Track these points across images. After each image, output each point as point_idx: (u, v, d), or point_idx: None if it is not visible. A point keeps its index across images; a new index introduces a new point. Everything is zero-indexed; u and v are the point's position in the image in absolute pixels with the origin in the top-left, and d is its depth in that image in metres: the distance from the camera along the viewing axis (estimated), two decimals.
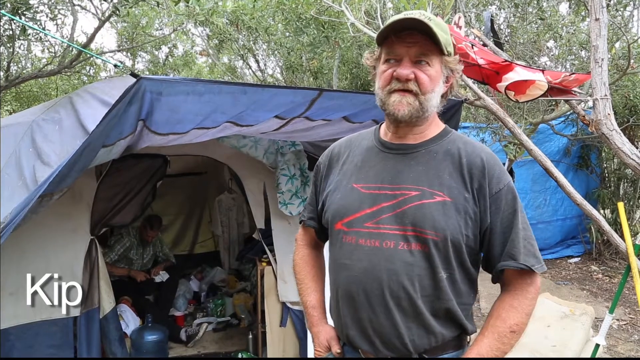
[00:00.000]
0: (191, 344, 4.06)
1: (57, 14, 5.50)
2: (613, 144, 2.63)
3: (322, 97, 2.22)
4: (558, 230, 6.80)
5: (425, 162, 1.36)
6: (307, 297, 1.61)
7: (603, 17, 2.63)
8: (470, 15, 5.62)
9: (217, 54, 9.29)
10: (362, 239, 1.34)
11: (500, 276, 1.37)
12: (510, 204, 1.33)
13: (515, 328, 1.29)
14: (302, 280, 1.64)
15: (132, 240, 4.31)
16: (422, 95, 1.30)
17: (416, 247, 1.29)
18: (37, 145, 2.23)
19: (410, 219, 1.30)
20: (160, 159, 3.35)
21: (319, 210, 1.55)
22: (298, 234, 1.74)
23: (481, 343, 1.29)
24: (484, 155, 1.35)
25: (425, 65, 1.31)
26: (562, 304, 3.51)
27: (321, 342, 1.52)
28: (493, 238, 1.33)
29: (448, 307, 1.31)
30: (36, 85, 8.14)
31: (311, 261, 1.67)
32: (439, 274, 1.29)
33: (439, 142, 1.40)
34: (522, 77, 2.75)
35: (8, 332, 2.53)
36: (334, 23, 5.79)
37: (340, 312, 1.41)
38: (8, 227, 1.64)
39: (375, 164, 1.41)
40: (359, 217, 1.36)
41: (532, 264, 1.30)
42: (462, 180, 1.33)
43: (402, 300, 1.29)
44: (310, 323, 1.58)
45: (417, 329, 1.31)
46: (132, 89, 1.71)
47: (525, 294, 1.33)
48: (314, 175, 1.64)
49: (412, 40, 1.29)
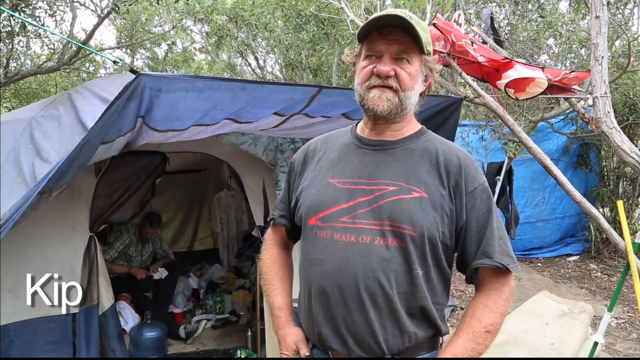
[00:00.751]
0: (190, 341, 4.07)
1: (56, 10, 5.50)
2: (613, 142, 2.63)
3: (322, 94, 2.22)
4: (557, 228, 6.81)
5: (402, 159, 1.36)
6: (274, 298, 1.56)
7: (603, 15, 2.62)
8: (470, 12, 5.61)
9: (216, 51, 9.28)
10: (337, 233, 1.32)
11: (475, 275, 1.37)
12: (485, 202, 1.34)
13: (490, 328, 1.29)
14: (269, 280, 1.59)
15: (131, 237, 4.32)
16: (402, 92, 1.31)
17: (393, 243, 1.28)
18: (36, 141, 2.23)
19: (388, 214, 1.28)
20: (159, 156, 3.35)
21: (292, 207, 1.53)
22: (267, 234, 1.70)
23: (455, 343, 1.28)
24: (461, 155, 1.37)
25: (405, 63, 1.31)
26: (561, 302, 3.52)
27: (288, 345, 1.47)
28: (468, 236, 1.33)
29: (423, 305, 1.30)
30: (35, 82, 8.12)
31: (280, 261, 1.63)
32: (415, 270, 1.28)
33: (415, 140, 1.40)
34: (522, 74, 2.75)
35: (7, 329, 2.53)
36: (334, 20, 5.79)
37: (312, 310, 1.36)
38: (7, 223, 1.64)
39: (352, 160, 1.40)
40: (335, 212, 1.34)
41: (507, 262, 1.30)
42: (439, 177, 1.33)
43: (378, 296, 1.27)
44: (277, 325, 1.53)
45: (392, 327, 1.29)
46: (131, 85, 1.71)
47: (499, 294, 1.32)
48: (287, 173, 1.62)
49: (393, 37, 1.29)
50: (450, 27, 2.89)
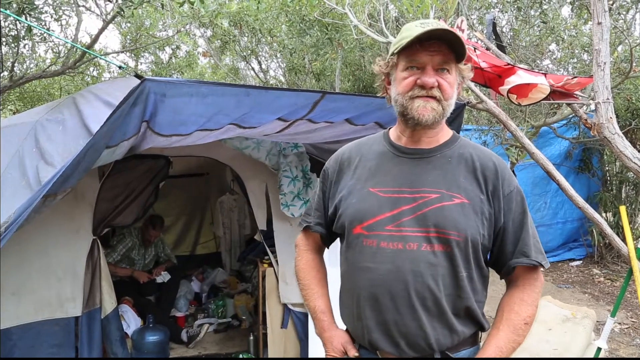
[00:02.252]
0: (192, 345, 4.07)
1: (62, 14, 5.53)
2: (615, 147, 2.63)
3: (325, 100, 2.22)
4: (559, 233, 6.79)
5: (441, 166, 1.41)
6: (314, 302, 1.61)
7: (605, 21, 2.63)
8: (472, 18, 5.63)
9: (220, 55, 9.31)
10: (383, 241, 1.36)
11: (511, 273, 1.43)
12: (520, 204, 1.41)
13: (528, 320, 1.37)
14: (308, 285, 1.64)
15: (134, 240, 4.33)
16: (445, 101, 1.36)
17: (439, 248, 1.33)
18: (40, 145, 2.24)
19: (433, 221, 1.33)
20: (162, 160, 3.36)
21: (330, 215, 1.56)
22: (299, 239, 1.74)
23: (498, 336, 1.36)
24: (495, 160, 1.44)
25: (445, 73, 1.36)
26: (564, 307, 3.51)
27: (335, 346, 1.52)
28: (506, 237, 1.40)
29: (468, 305, 1.37)
30: (40, 85, 8.16)
31: (316, 266, 1.68)
32: (459, 273, 1.34)
33: (451, 146, 1.45)
34: (524, 80, 2.76)
35: (10, 332, 2.54)
36: (338, 25, 5.81)
37: (361, 316, 1.41)
38: (11, 227, 1.65)
39: (391, 168, 1.45)
40: (380, 221, 1.38)
41: (541, 260, 1.39)
42: (477, 182, 1.39)
43: (428, 300, 1.33)
44: (321, 328, 1.58)
45: (442, 328, 1.35)
46: (136, 90, 1.72)
47: (533, 288, 1.41)
48: (321, 181, 1.65)
49: (435, 49, 1.33)
50: None
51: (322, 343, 1.58)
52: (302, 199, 3.37)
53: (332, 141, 2.95)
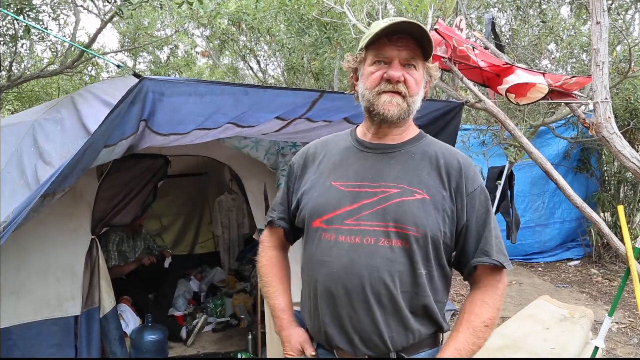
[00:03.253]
0: (190, 340, 4.07)
1: (60, 14, 5.52)
2: (613, 147, 2.63)
3: (323, 99, 2.23)
4: (557, 232, 6.80)
5: (404, 162, 1.40)
6: (275, 300, 1.58)
7: (604, 21, 2.64)
8: (471, 17, 5.63)
9: (218, 55, 9.30)
10: (341, 235, 1.35)
11: (473, 273, 1.42)
12: (483, 203, 1.40)
13: (488, 322, 1.35)
14: (269, 282, 1.62)
15: (119, 234, 4.26)
16: (410, 97, 1.35)
17: (397, 244, 1.31)
18: (38, 144, 2.24)
19: (392, 216, 1.32)
20: (161, 159, 3.36)
21: (292, 209, 1.55)
22: (263, 235, 1.72)
23: (457, 338, 1.33)
24: (460, 158, 1.42)
25: (412, 69, 1.35)
26: (562, 307, 3.51)
27: (293, 345, 1.50)
28: (468, 235, 1.38)
29: (425, 304, 1.34)
30: (38, 85, 8.14)
31: (278, 263, 1.66)
32: (418, 270, 1.32)
33: (415, 143, 1.45)
34: (522, 79, 2.76)
35: (9, 331, 2.54)
36: (336, 24, 5.80)
37: (318, 310, 1.39)
38: (10, 226, 1.65)
39: (354, 163, 1.44)
40: (339, 214, 1.37)
41: (502, 261, 1.36)
42: (440, 179, 1.38)
43: (383, 296, 1.31)
44: (280, 326, 1.55)
45: (397, 325, 1.33)
46: (134, 89, 1.72)
47: (495, 290, 1.39)
48: (287, 175, 1.64)
49: (402, 43, 1.33)
50: (451, 32, 2.90)
51: (281, 342, 1.55)
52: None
53: None
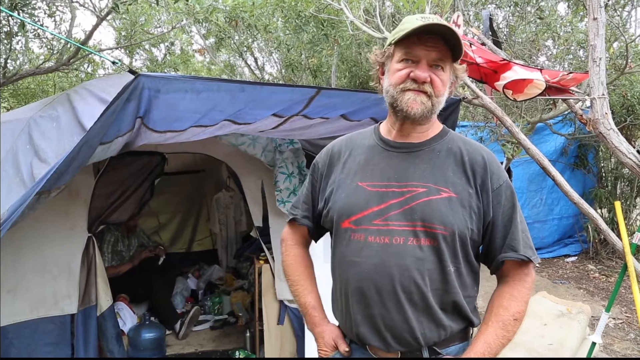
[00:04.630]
0: (182, 330, 4.10)
1: (55, 10, 5.49)
2: (610, 143, 2.63)
3: (320, 95, 2.22)
4: (554, 229, 6.82)
5: (429, 160, 1.40)
6: (305, 297, 1.61)
7: (601, 17, 2.63)
8: (469, 13, 5.63)
9: (215, 52, 9.27)
10: (371, 236, 1.36)
11: (500, 268, 1.42)
12: (509, 199, 1.40)
13: (517, 316, 1.35)
14: (297, 281, 1.64)
15: (114, 234, 4.25)
16: (435, 97, 1.36)
17: (425, 242, 1.33)
18: (34, 142, 2.22)
19: (419, 215, 1.33)
20: (158, 157, 3.35)
21: (319, 209, 1.56)
22: (286, 233, 1.73)
23: (487, 332, 1.34)
24: (484, 153, 1.42)
25: (439, 70, 1.36)
26: (559, 303, 3.52)
27: (327, 341, 1.52)
28: (495, 231, 1.39)
29: (455, 300, 1.36)
30: (33, 82, 8.10)
31: (304, 261, 1.68)
32: (447, 268, 1.34)
33: (440, 141, 1.45)
34: (520, 76, 2.76)
35: (6, 330, 2.52)
36: (334, 21, 5.79)
37: (349, 310, 1.41)
38: (5, 224, 1.64)
39: (380, 162, 1.44)
40: (367, 215, 1.38)
41: (530, 255, 1.38)
42: (465, 176, 1.38)
43: (414, 294, 1.32)
44: (313, 323, 1.58)
45: (428, 322, 1.34)
46: (130, 86, 1.70)
47: (523, 284, 1.39)
48: (310, 174, 1.65)
49: (432, 44, 1.33)
50: None
51: (314, 338, 1.58)
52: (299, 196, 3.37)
53: (327, 137, 2.94)
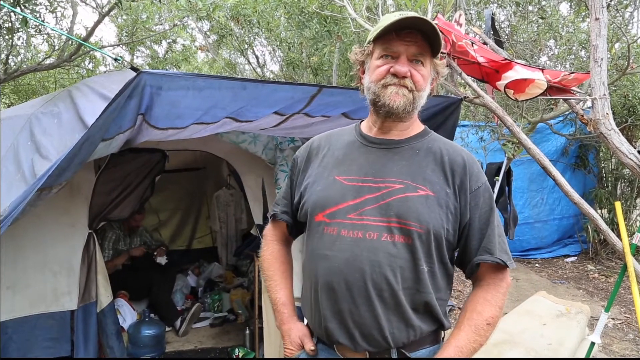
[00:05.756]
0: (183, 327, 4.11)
1: (57, 6, 5.49)
2: (611, 143, 2.63)
3: (322, 94, 2.22)
4: (555, 229, 6.83)
5: (408, 158, 1.40)
6: (276, 293, 1.58)
7: (603, 17, 2.63)
8: (471, 13, 5.62)
9: (217, 50, 9.26)
10: (344, 229, 1.34)
11: (475, 271, 1.41)
12: (487, 201, 1.39)
13: (490, 320, 1.34)
14: (271, 276, 1.62)
15: (116, 232, 4.25)
16: (416, 92, 1.35)
17: (399, 239, 1.31)
18: (35, 138, 2.22)
19: (395, 211, 1.32)
20: (158, 154, 3.34)
21: (295, 203, 1.55)
22: (267, 229, 1.72)
23: (458, 336, 1.33)
24: (465, 155, 1.42)
25: (419, 65, 1.36)
26: (558, 303, 3.53)
27: (293, 339, 1.50)
28: (471, 233, 1.38)
29: (427, 301, 1.34)
30: (34, 78, 8.10)
31: (281, 257, 1.66)
32: (420, 267, 1.32)
33: (420, 139, 1.44)
34: (521, 75, 2.75)
35: (5, 326, 2.53)
36: (336, 18, 5.79)
37: (318, 305, 1.39)
38: (6, 220, 1.64)
39: (358, 157, 1.43)
40: (342, 209, 1.37)
41: (505, 259, 1.36)
42: (444, 176, 1.37)
43: (384, 291, 1.30)
44: (280, 320, 1.55)
45: (397, 321, 1.32)
46: (132, 83, 1.70)
47: (497, 289, 1.38)
48: (290, 169, 1.65)
49: (411, 39, 1.33)
50: (450, 28, 2.89)
51: (281, 336, 1.56)
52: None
53: None
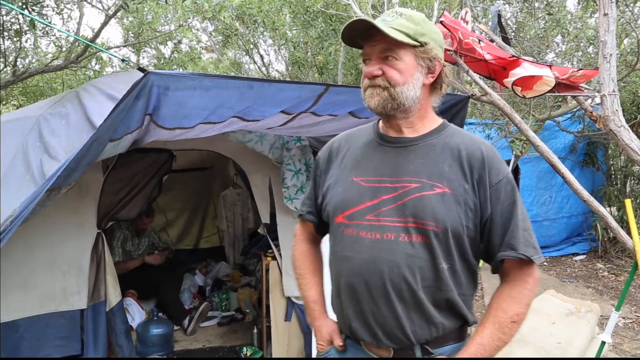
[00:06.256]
0: (191, 326, 4.13)
1: (64, 8, 5.52)
2: (621, 140, 2.61)
3: (329, 93, 2.22)
4: (563, 227, 6.78)
5: (424, 155, 1.38)
6: (307, 291, 1.62)
7: (612, 12, 2.61)
8: (477, 10, 5.59)
9: (222, 50, 9.28)
10: (363, 231, 1.35)
11: (500, 267, 1.38)
12: (509, 195, 1.34)
13: (515, 318, 1.31)
14: (302, 275, 1.66)
15: (124, 232, 4.27)
16: (392, 87, 1.32)
17: (417, 239, 1.30)
18: (44, 139, 2.24)
19: (411, 211, 1.31)
20: (166, 154, 3.36)
21: (319, 204, 1.57)
22: (296, 229, 1.76)
23: (482, 333, 1.31)
24: (483, 148, 1.37)
25: (392, 60, 1.32)
26: (567, 302, 3.50)
27: (323, 335, 1.53)
28: (493, 229, 1.34)
29: (449, 298, 1.33)
30: (42, 80, 8.16)
31: (310, 256, 1.70)
32: (439, 265, 1.31)
33: (437, 135, 1.41)
34: (529, 72, 2.74)
35: (17, 324, 2.55)
36: (342, 17, 5.78)
37: (342, 305, 1.41)
38: (16, 220, 1.65)
39: (374, 158, 1.43)
40: (360, 210, 1.37)
41: (531, 254, 1.31)
42: (462, 171, 1.34)
43: (404, 291, 1.30)
44: (312, 317, 1.59)
45: (419, 319, 1.32)
46: (139, 83, 1.72)
47: (524, 285, 1.34)
48: (313, 170, 1.67)
49: (378, 38, 1.31)
50: (457, 25, 2.88)
51: (313, 332, 1.59)
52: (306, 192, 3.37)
53: (335, 134, 2.93)
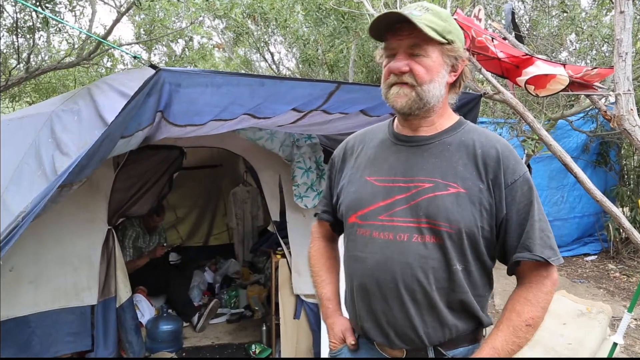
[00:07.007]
0: (200, 322, 4.15)
1: (76, 5, 5.56)
2: (635, 140, 2.57)
3: (340, 90, 2.21)
4: (575, 227, 6.71)
5: (438, 154, 1.34)
6: (322, 289, 1.62)
7: (628, 10, 2.57)
8: (490, 7, 5.54)
9: (233, 47, 9.30)
10: (376, 231, 1.33)
11: (516, 268, 1.34)
12: (526, 194, 1.30)
13: (530, 322, 1.27)
14: (317, 272, 1.66)
15: (136, 230, 4.30)
16: (419, 86, 1.28)
17: (430, 240, 1.28)
18: (56, 135, 2.26)
19: (424, 211, 1.28)
20: (176, 151, 3.37)
21: (334, 203, 1.56)
22: (313, 227, 1.75)
23: (496, 337, 1.27)
24: (499, 146, 1.33)
25: (420, 57, 1.28)
26: (578, 302, 3.46)
27: (336, 333, 1.53)
28: (509, 229, 1.30)
29: (462, 299, 1.30)
30: (55, 77, 8.23)
31: (326, 253, 1.69)
32: (453, 266, 1.28)
33: (452, 133, 1.38)
34: (542, 71, 2.70)
35: (28, 320, 2.58)
36: (354, 14, 5.77)
37: (354, 305, 1.41)
38: (28, 216, 1.66)
39: (389, 157, 1.40)
40: (373, 210, 1.35)
41: (548, 255, 1.27)
42: (477, 171, 1.30)
43: (417, 293, 1.28)
44: (325, 315, 1.59)
45: (432, 321, 1.30)
46: (151, 80, 1.72)
47: (540, 287, 1.29)
48: (328, 169, 1.65)
49: (405, 32, 1.28)
50: (470, 23, 2.85)
51: (326, 329, 1.59)
52: (316, 190, 3.37)
53: (346, 133, 2.93)
